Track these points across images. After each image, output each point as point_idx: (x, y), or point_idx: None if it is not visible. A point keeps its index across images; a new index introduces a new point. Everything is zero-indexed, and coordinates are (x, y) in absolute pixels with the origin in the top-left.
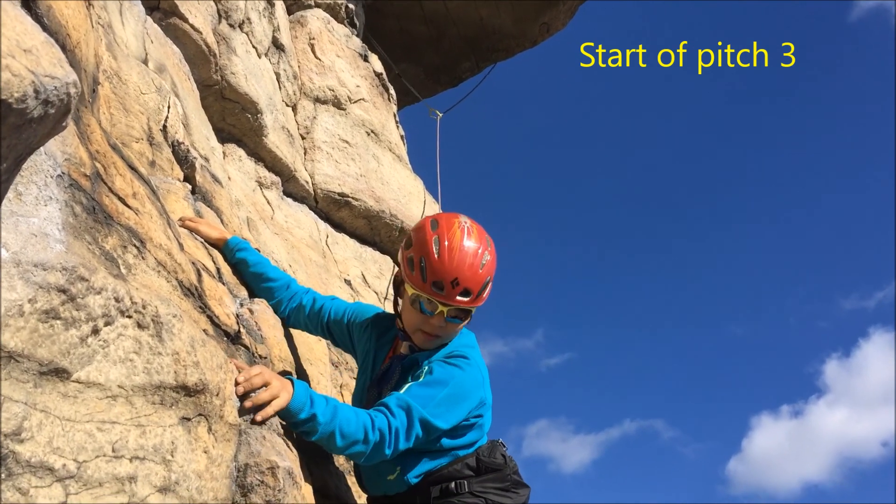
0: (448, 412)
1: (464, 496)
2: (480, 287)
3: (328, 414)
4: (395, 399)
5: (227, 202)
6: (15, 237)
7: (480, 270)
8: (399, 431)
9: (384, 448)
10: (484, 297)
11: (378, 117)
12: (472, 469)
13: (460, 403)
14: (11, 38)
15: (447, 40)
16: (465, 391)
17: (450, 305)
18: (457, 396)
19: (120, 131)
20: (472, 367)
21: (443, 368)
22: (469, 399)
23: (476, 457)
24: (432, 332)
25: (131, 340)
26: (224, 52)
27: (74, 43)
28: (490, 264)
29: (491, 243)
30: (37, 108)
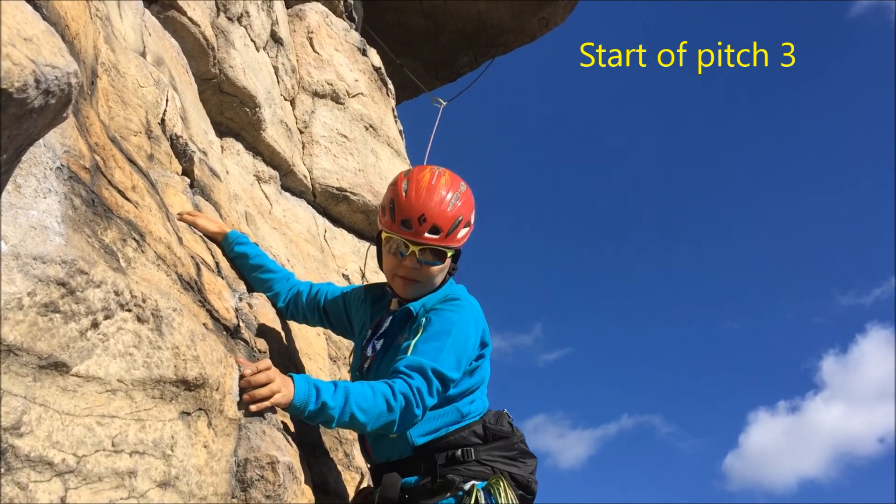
0: (459, 359)
1: (470, 464)
2: (450, 225)
3: (339, 398)
4: (406, 361)
5: (226, 196)
6: (14, 230)
7: (449, 209)
8: (421, 390)
9: (413, 410)
10: (457, 237)
11: (377, 112)
12: (479, 437)
13: (467, 346)
14: (12, 27)
15: (445, 35)
16: (468, 332)
17: (420, 244)
18: (462, 341)
19: (118, 124)
20: (467, 306)
21: (440, 317)
22: (473, 338)
23: (483, 424)
24: (407, 275)
25: (131, 334)
26: (222, 45)
27: (73, 34)
28: (463, 206)
29: (465, 188)
30: (37, 98)
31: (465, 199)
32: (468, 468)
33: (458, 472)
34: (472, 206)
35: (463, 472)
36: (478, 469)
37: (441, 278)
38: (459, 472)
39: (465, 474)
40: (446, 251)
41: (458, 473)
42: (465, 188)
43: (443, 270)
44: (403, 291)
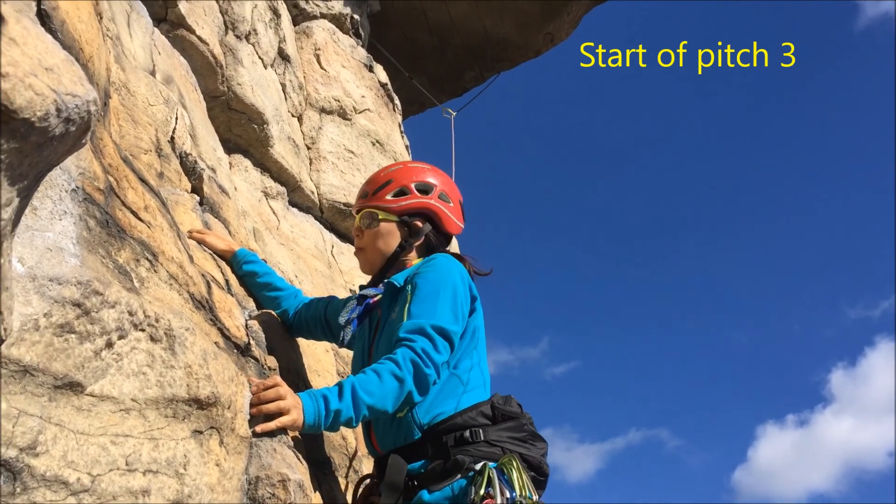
0: (454, 310)
1: (479, 444)
2: (377, 186)
3: (347, 396)
4: (403, 328)
5: (234, 213)
6: (31, 252)
7: (381, 174)
8: (426, 349)
9: (424, 371)
10: (387, 198)
11: (383, 127)
12: (488, 417)
13: (458, 295)
14: (34, 57)
15: (451, 50)
16: (455, 283)
17: (358, 211)
18: (451, 292)
19: (129, 143)
20: (444, 260)
21: (424, 279)
22: (461, 287)
23: (491, 404)
24: (356, 246)
25: (144, 354)
26: (230, 63)
27: (87, 57)
28: (395, 172)
29: (414, 165)
30: (58, 126)
31: (403, 169)
32: (477, 448)
33: (468, 453)
34: (410, 174)
35: (472, 452)
36: (487, 450)
37: (386, 244)
38: (469, 452)
39: (475, 455)
40: (375, 212)
41: (467, 454)
42: (416, 165)
43: (384, 235)
44: (362, 267)
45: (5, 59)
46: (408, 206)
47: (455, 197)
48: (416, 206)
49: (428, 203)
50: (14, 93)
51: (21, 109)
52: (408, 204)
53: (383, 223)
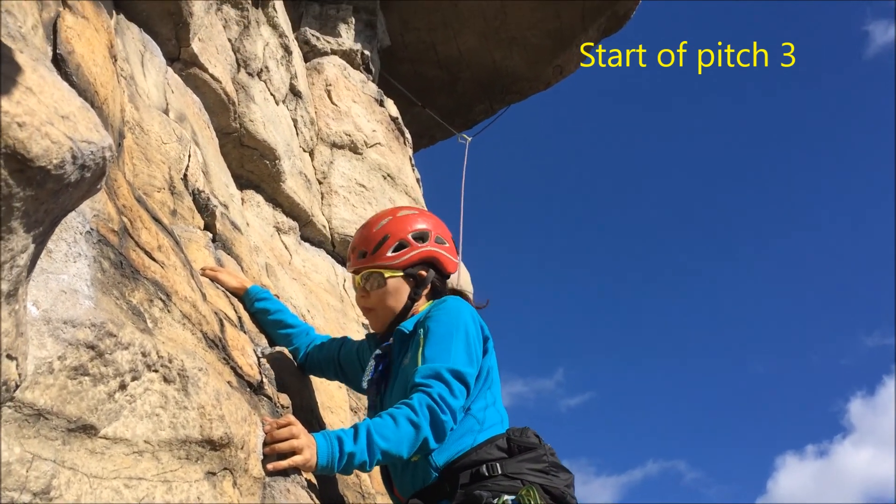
0: (468, 352)
1: (497, 479)
2: (374, 244)
3: (362, 440)
4: (419, 373)
5: (247, 249)
6: (45, 295)
7: (374, 230)
8: (442, 395)
9: (441, 417)
10: (387, 255)
11: (394, 161)
12: (504, 450)
13: (470, 337)
14: (50, 105)
15: (461, 84)
16: (467, 324)
17: (358, 271)
18: (464, 334)
19: (142, 181)
20: (454, 303)
21: (435, 322)
22: (473, 328)
23: (507, 437)
24: (360, 304)
25: (157, 395)
26: (243, 100)
27: (102, 100)
28: (389, 226)
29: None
30: (74, 173)
31: (394, 220)
32: (496, 483)
33: (486, 488)
34: (404, 225)
35: (491, 486)
36: (506, 483)
37: (396, 301)
38: (487, 487)
39: (494, 489)
40: (380, 272)
41: (485, 489)
42: (405, 213)
43: (392, 293)
44: (372, 325)
45: (22, 109)
46: (411, 259)
47: (447, 236)
48: (419, 257)
49: (428, 251)
50: (31, 142)
51: (38, 158)
52: (410, 257)
53: (390, 280)
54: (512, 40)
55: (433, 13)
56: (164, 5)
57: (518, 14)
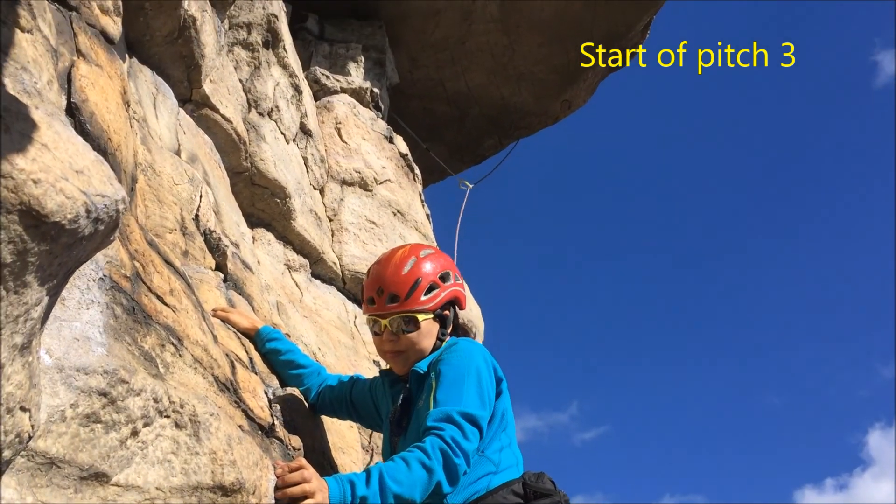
0: (481, 395)
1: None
2: (408, 289)
3: (374, 484)
4: (431, 417)
5: (258, 288)
6: (58, 342)
7: (403, 273)
8: (455, 437)
9: (454, 461)
10: (421, 299)
11: (404, 197)
12: (519, 496)
13: (483, 380)
14: (65, 161)
15: (470, 119)
16: (479, 367)
17: (386, 315)
18: (476, 377)
19: (154, 223)
20: (467, 345)
21: (447, 365)
22: (485, 370)
23: (522, 482)
24: (388, 349)
25: (169, 441)
26: (254, 139)
27: (115, 146)
28: (418, 268)
29: (428, 253)
30: (88, 227)
31: (423, 261)
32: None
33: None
34: (435, 268)
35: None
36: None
37: (428, 342)
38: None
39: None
40: (415, 315)
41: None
42: (426, 253)
43: (424, 336)
44: (396, 367)
45: (37, 165)
46: (441, 301)
47: (458, 271)
48: (446, 298)
49: (452, 291)
50: (45, 198)
51: (52, 213)
52: (441, 298)
53: (423, 323)
54: (520, 76)
55: (441, 51)
56: (176, 48)
57: (525, 50)
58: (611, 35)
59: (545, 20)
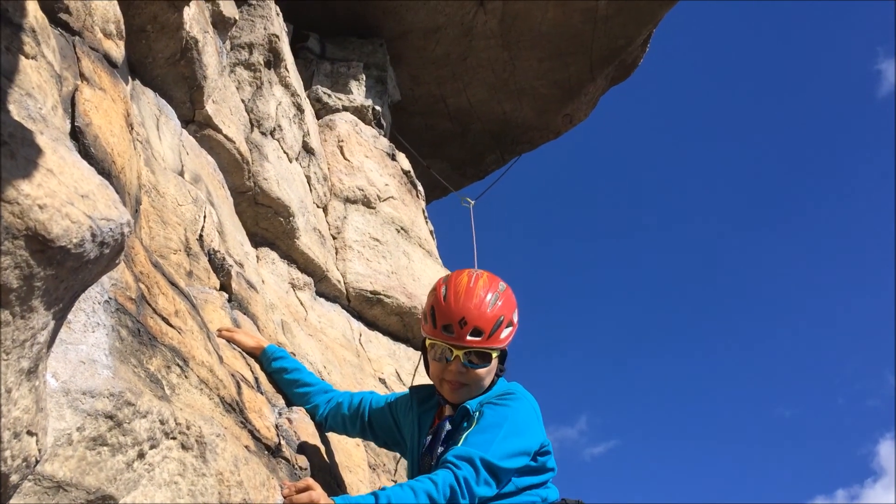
0: (511, 451)
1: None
2: (492, 326)
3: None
4: (454, 452)
5: (262, 307)
6: (64, 366)
7: (489, 309)
8: (468, 479)
9: (460, 500)
10: (501, 337)
11: (407, 214)
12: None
13: (521, 439)
14: (70, 185)
15: (472, 135)
16: (522, 426)
17: (463, 347)
18: (516, 433)
19: (159, 244)
20: (523, 400)
21: (493, 410)
22: (528, 433)
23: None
24: (454, 378)
25: (176, 462)
26: (256, 159)
27: (119, 169)
28: (503, 306)
29: (505, 287)
30: (93, 251)
31: (504, 298)
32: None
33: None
34: (513, 305)
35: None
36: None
37: (489, 380)
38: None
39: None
40: (491, 352)
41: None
42: (504, 288)
43: (490, 372)
44: (452, 396)
45: (43, 191)
46: (509, 338)
47: None
48: (512, 336)
49: (516, 329)
50: (51, 223)
51: (58, 238)
52: (510, 336)
53: (494, 359)
54: (521, 91)
55: (442, 67)
56: (179, 70)
57: (526, 65)
58: (611, 49)
59: (545, 35)
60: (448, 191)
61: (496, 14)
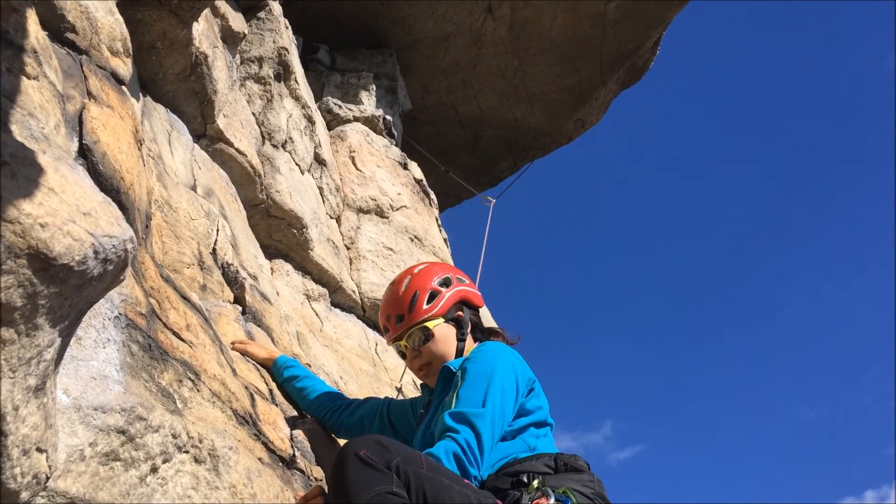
0: (503, 397)
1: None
2: (408, 304)
3: None
4: (447, 416)
5: (277, 319)
6: (76, 382)
7: (401, 292)
8: (469, 441)
9: (468, 467)
10: (424, 308)
11: (420, 223)
12: (550, 467)
13: (508, 381)
14: (72, 203)
15: (484, 142)
16: (506, 368)
17: (399, 337)
18: (501, 378)
19: (172, 258)
20: (494, 346)
21: (473, 363)
22: (512, 373)
23: (554, 457)
24: (415, 365)
25: (189, 476)
26: (268, 171)
27: (128, 185)
28: (414, 281)
29: (424, 267)
30: (97, 268)
31: (417, 275)
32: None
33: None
34: (429, 274)
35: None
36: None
37: (448, 347)
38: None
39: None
40: (425, 325)
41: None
42: (420, 268)
43: (442, 341)
44: (430, 380)
45: (44, 210)
46: (446, 304)
47: (464, 276)
48: (452, 300)
49: (456, 291)
50: (53, 241)
51: (60, 256)
52: (444, 302)
53: (435, 329)
54: (532, 97)
55: (452, 75)
56: (189, 85)
57: (536, 71)
58: (621, 53)
59: (554, 40)
60: (461, 198)
61: (505, 21)
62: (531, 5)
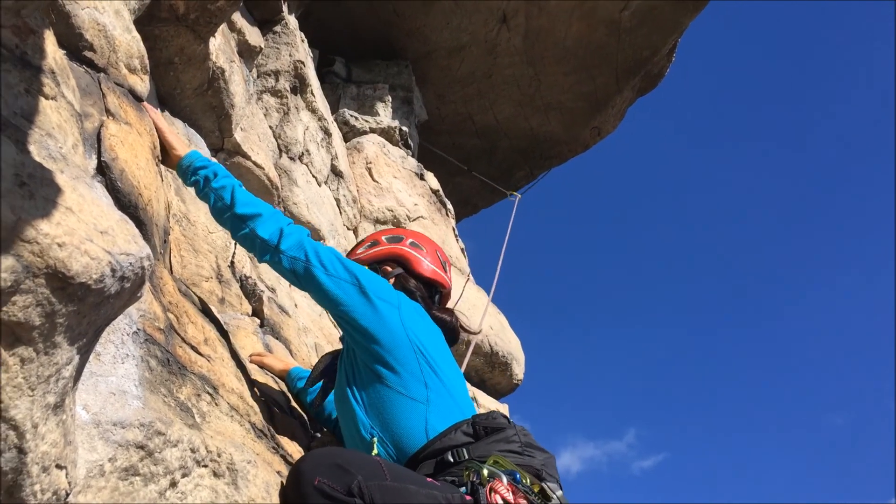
0: (339, 266)
1: (464, 463)
2: (355, 245)
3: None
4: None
5: (295, 331)
6: (95, 398)
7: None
8: (283, 231)
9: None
10: (357, 251)
11: (437, 232)
12: (470, 434)
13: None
14: (89, 222)
15: (500, 151)
16: (362, 272)
17: None
18: (351, 269)
19: (190, 272)
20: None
21: None
22: (367, 275)
23: (472, 422)
24: None
25: (208, 490)
26: (286, 184)
27: (146, 201)
28: (379, 232)
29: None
30: (114, 286)
31: (379, 231)
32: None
33: (453, 475)
34: (387, 232)
35: (457, 473)
36: (475, 465)
37: None
38: (454, 474)
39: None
40: None
41: (452, 475)
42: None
43: None
44: None
45: (62, 229)
46: (375, 254)
47: (430, 248)
48: (384, 253)
49: (394, 248)
50: (71, 260)
51: (78, 275)
52: (376, 251)
53: None
54: (547, 106)
55: (468, 85)
56: (207, 99)
57: (552, 80)
58: (636, 60)
59: (569, 49)
60: (478, 207)
61: (519, 31)
62: (546, 14)
